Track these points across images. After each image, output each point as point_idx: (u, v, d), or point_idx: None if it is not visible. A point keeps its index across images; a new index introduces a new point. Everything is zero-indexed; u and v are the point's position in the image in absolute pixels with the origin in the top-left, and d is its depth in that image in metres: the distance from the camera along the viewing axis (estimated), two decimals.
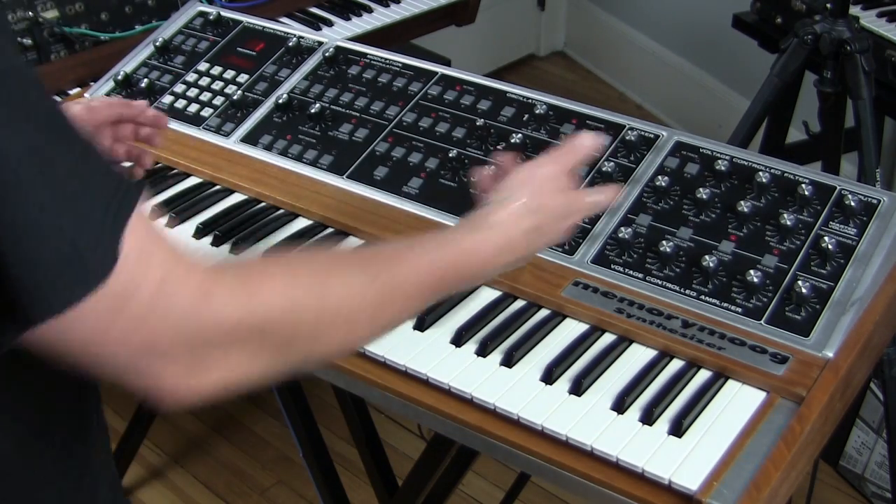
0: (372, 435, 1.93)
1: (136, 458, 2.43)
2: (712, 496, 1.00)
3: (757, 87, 2.09)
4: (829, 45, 1.95)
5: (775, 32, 2.33)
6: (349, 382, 1.24)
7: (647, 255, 1.28)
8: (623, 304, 1.24)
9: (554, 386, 1.15)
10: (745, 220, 1.29)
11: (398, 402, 1.19)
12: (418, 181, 1.45)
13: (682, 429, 1.08)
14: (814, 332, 1.17)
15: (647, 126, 1.43)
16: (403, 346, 1.21)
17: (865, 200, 1.28)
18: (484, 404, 1.13)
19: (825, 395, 1.10)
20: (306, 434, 1.93)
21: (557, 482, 1.10)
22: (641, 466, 1.04)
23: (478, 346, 1.21)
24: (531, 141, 1.45)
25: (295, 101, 1.62)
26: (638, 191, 1.35)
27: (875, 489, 2.30)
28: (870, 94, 1.93)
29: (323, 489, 2.01)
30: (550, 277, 1.29)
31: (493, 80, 1.56)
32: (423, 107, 1.55)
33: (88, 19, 2.07)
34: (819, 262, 1.23)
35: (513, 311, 1.27)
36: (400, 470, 2.00)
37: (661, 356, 1.19)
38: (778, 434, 1.06)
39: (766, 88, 2.06)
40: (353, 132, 1.55)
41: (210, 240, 1.42)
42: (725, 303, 1.22)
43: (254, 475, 2.47)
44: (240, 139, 1.60)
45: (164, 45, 1.78)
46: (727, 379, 1.15)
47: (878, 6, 2.26)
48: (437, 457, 1.63)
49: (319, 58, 1.68)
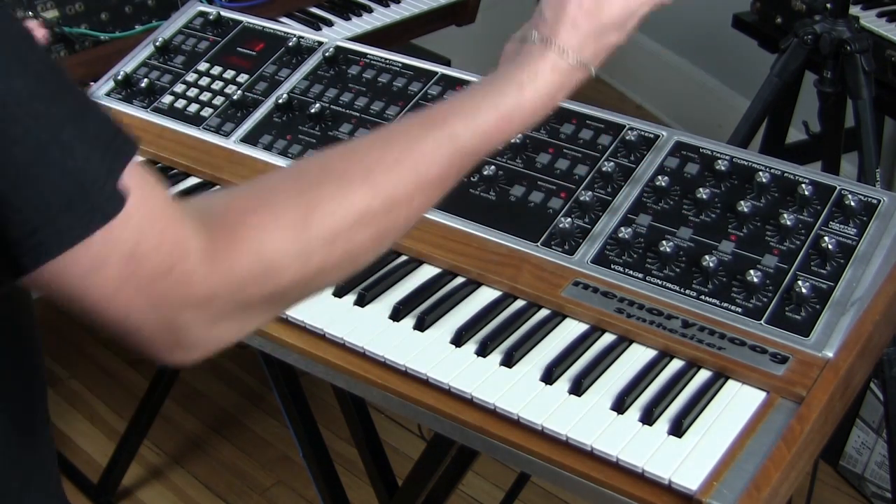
0: (372, 435, 1.93)
1: (136, 458, 2.43)
2: (712, 496, 1.00)
3: (757, 87, 2.08)
4: (829, 45, 1.95)
5: (775, 32, 2.33)
6: (349, 382, 1.24)
7: (647, 255, 1.28)
8: (623, 304, 1.24)
9: (554, 386, 1.15)
10: (745, 220, 1.29)
11: (398, 402, 1.19)
12: None
13: (682, 429, 1.08)
14: (814, 332, 1.17)
15: (647, 126, 1.43)
16: (403, 346, 1.21)
17: (865, 200, 1.28)
18: (484, 404, 1.13)
19: (825, 395, 1.10)
20: (306, 434, 1.93)
21: (557, 482, 1.10)
22: (641, 466, 1.04)
23: (478, 346, 1.21)
24: (531, 141, 1.45)
25: (295, 101, 1.62)
26: (638, 191, 1.35)
27: (875, 489, 2.30)
28: (870, 94, 1.93)
29: (323, 489, 2.01)
30: (550, 277, 1.29)
31: None
32: (424, 107, 1.55)
33: (88, 19, 2.07)
34: (819, 262, 1.23)
35: (513, 311, 1.27)
36: (400, 470, 2.00)
37: (661, 356, 1.19)
38: (778, 434, 1.06)
39: (766, 88, 2.06)
40: (353, 132, 1.55)
41: None
42: (725, 303, 1.22)
43: (254, 475, 2.47)
44: (240, 139, 1.60)
45: (164, 45, 1.79)
46: (727, 379, 1.15)
47: (878, 6, 2.26)
48: (437, 457, 1.63)
49: (319, 58, 1.68)
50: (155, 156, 1.62)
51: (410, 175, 0.88)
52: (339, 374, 1.24)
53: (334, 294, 1.30)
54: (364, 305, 1.29)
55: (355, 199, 0.84)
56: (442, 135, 0.90)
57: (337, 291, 1.30)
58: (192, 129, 1.64)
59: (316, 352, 1.25)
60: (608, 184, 1.37)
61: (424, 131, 0.90)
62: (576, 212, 1.35)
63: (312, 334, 1.26)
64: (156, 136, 1.64)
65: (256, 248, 0.79)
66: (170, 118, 1.67)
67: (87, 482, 2.43)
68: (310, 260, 0.82)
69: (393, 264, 1.36)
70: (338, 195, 0.84)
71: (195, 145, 1.62)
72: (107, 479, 2.40)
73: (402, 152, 0.89)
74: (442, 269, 1.35)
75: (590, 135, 1.43)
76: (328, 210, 0.83)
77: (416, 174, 0.88)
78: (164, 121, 1.67)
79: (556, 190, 1.38)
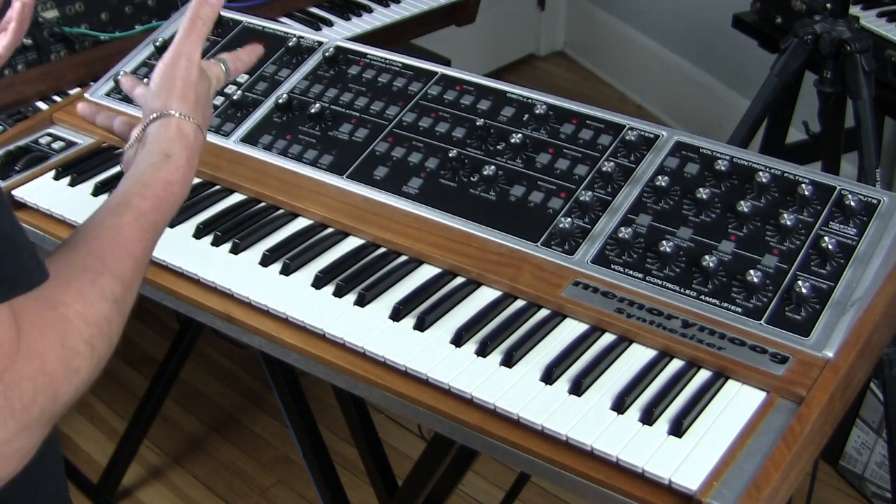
0: (372, 435, 1.93)
1: (136, 458, 2.43)
2: (712, 496, 1.00)
3: (757, 87, 2.09)
4: (829, 45, 1.95)
5: (775, 32, 2.33)
6: (349, 382, 1.24)
7: (647, 255, 1.28)
8: (623, 304, 1.24)
9: (554, 386, 1.15)
10: (745, 220, 1.29)
11: (398, 402, 1.19)
12: (418, 181, 1.45)
13: (682, 429, 1.08)
14: (814, 332, 1.17)
15: (647, 126, 1.43)
16: (403, 346, 1.21)
17: (865, 200, 1.28)
18: (484, 404, 1.13)
19: (825, 395, 1.10)
20: (306, 434, 1.93)
21: (557, 482, 1.10)
22: (641, 466, 1.04)
23: (478, 346, 1.21)
24: (531, 141, 1.45)
25: (295, 101, 1.62)
26: (638, 191, 1.35)
27: (875, 489, 2.30)
28: (870, 94, 1.93)
29: (323, 489, 2.01)
30: (550, 277, 1.29)
31: (493, 80, 1.56)
32: (423, 107, 1.55)
33: (88, 19, 2.07)
34: (819, 262, 1.23)
35: (513, 311, 1.27)
36: (400, 470, 2.00)
37: (661, 356, 1.19)
38: (778, 434, 1.06)
39: (766, 88, 2.06)
40: (353, 132, 1.55)
41: (210, 240, 1.42)
42: (725, 303, 1.22)
43: (254, 475, 2.47)
44: (240, 139, 1.60)
45: (164, 45, 1.78)
46: (727, 379, 1.15)
47: (878, 6, 2.26)
48: (437, 457, 1.63)
49: (319, 58, 1.68)
50: None
51: (128, 260, 0.95)
52: (339, 374, 1.24)
53: (334, 294, 1.30)
54: (364, 305, 1.29)
55: (105, 289, 0.90)
56: (132, 215, 0.99)
57: (337, 291, 1.30)
58: None
59: (316, 352, 1.25)
60: (608, 184, 1.37)
61: (117, 217, 0.98)
62: (576, 212, 1.35)
63: (312, 334, 1.26)
64: None
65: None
66: None
67: (87, 482, 2.43)
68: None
69: (393, 264, 1.36)
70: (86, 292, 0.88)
71: None
72: (107, 479, 2.40)
73: (112, 240, 0.95)
74: (442, 269, 1.35)
75: (590, 135, 1.43)
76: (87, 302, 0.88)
77: (131, 257, 0.95)
78: None
79: (556, 190, 1.38)
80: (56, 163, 1.61)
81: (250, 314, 1.31)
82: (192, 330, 2.29)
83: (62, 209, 1.50)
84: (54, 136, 1.70)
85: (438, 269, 1.35)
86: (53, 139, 1.69)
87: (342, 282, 1.31)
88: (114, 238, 0.95)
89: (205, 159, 1.57)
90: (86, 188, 1.55)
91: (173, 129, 1.10)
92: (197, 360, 2.74)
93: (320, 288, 1.32)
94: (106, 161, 1.61)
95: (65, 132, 1.71)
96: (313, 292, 1.31)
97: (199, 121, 1.13)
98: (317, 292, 1.31)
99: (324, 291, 1.32)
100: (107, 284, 0.89)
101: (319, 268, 1.34)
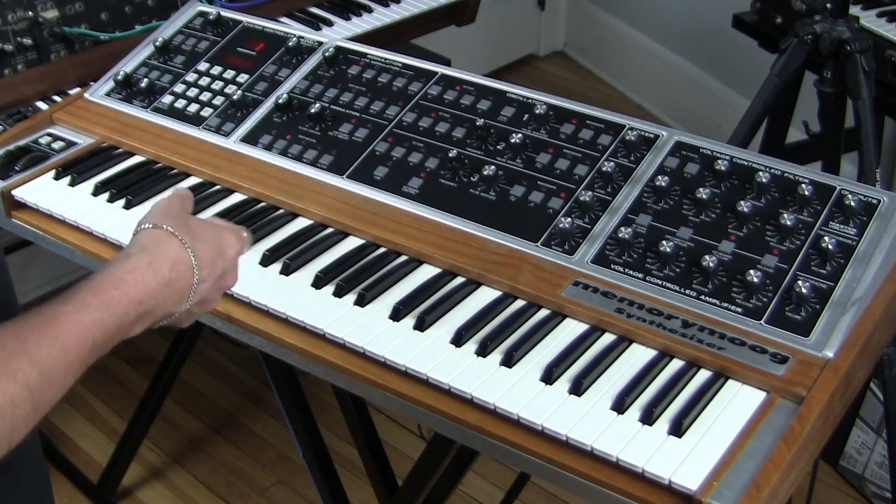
0: (372, 435, 1.93)
1: (136, 458, 2.43)
2: (712, 496, 1.00)
3: (757, 87, 2.08)
4: (829, 45, 1.95)
5: (775, 32, 2.33)
6: (349, 382, 1.24)
7: (647, 255, 1.28)
8: (623, 304, 1.24)
9: (554, 386, 1.15)
10: (745, 220, 1.29)
11: (398, 402, 1.19)
12: (418, 181, 1.45)
13: (682, 429, 1.08)
14: (814, 332, 1.17)
15: (647, 126, 1.43)
16: (403, 346, 1.21)
17: (865, 200, 1.28)
18: (484, 404, 1.13)
19: (825, 395, 1.10)
20: (306, 434, 1.93)
21: (557, 482, 1.10)
22: (641, 466, 1.04)
23: (478, 346, 1.21)
24: (531, 141, 1.45)
25: (295, 101, 1.62)
26: (638, 191, 1.35)
27: (875, 489, 2.30)
28: (870, 94, 1.93)
29: (323, 489, 2.00)
30: (550, 277, 1.29)
31: (493, 80, 1.56)
32: (423, 107, 1.55)
33: (88, 19, 2.07)
34: (819, 262, 1.23)
35: (513, 311, 1.27)
36: (400, 470, 2.00)
37: (661, 356, 1.19)
38: (778, 434, 1.06)
39: (766, 88, 2.06)
40: (353, 132, 1.55)
41: None
42: (725, 303, 1.22)
43: (254, 475, 2.47)
44: (240, 139, 1.60)
45: (164, 45, 1.79)
46: (727, 379, 1.15)
47: (878, 6, 2.26)
48: (437, 457, 1.63)
49: (319, 58, 1.68)
50: (155, 156, 1.62)
51: (55, 349, 0.91)
52: (339, 374, 1.24)
53: (334, 294, 1.30)
54: (364, 305, 1.29)
55: (18, 372, 0.87)
56: (73, 306, 0.96)
57: (337, 291, 1.30)
58: (192, 129, 1.64)
59: (316, 352, 1.25)
60: (608, 184, 1.37)
61: (58, 306, 0.94)
62: (576, 212, 1.35)
63: (312, 334, 1.26)
64: (156, 136, 1.64)
65: None
66: (170, 118, 1.67)
67: (87, 482, 2.43)
68: None
69: (393, 264, 1.36)
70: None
71: (195, 145, 1.62)
72: (107, 479, 2.40)
73: (43, 326, 0.92)
74: (442, 269, 1.35)
75: (590, 135, 1.43)
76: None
77: (59, 346, 0.92)
78: (164, 121, 1.67)
79: (556, 190, 1.38)
80: (56, 163, 1.61)
81: (250, 314, 1.31)
82: (192, 330, 2.29)
83: (62, 209, 1.50)
84: (54, 136, 1.70)
85: (438, 269, 1.35)
86: (53, 139, 1.69)
87: (342, 282, 1.31)
88: (45, 324, 0.91)
89: (205, 159, 1.58)
90: (86, 188, 1.55)
91: (149, 235, 1.06)
92: (197, 360, 2.74)
93: (320, 288, 1.32)
94: (106, 161, 1.61)
95: (65, 132, 1.71)
96: (313, 292, 1.32)
97: (190, 244, 1.07)
98: (317, 292, 1.32)
99: (324, 291, 1.32)
100: (20, 367, 0.86)
101: (319, 268, 1.34)
